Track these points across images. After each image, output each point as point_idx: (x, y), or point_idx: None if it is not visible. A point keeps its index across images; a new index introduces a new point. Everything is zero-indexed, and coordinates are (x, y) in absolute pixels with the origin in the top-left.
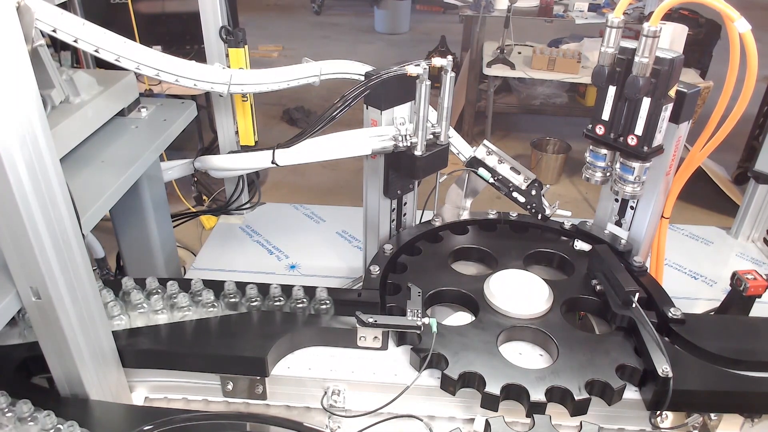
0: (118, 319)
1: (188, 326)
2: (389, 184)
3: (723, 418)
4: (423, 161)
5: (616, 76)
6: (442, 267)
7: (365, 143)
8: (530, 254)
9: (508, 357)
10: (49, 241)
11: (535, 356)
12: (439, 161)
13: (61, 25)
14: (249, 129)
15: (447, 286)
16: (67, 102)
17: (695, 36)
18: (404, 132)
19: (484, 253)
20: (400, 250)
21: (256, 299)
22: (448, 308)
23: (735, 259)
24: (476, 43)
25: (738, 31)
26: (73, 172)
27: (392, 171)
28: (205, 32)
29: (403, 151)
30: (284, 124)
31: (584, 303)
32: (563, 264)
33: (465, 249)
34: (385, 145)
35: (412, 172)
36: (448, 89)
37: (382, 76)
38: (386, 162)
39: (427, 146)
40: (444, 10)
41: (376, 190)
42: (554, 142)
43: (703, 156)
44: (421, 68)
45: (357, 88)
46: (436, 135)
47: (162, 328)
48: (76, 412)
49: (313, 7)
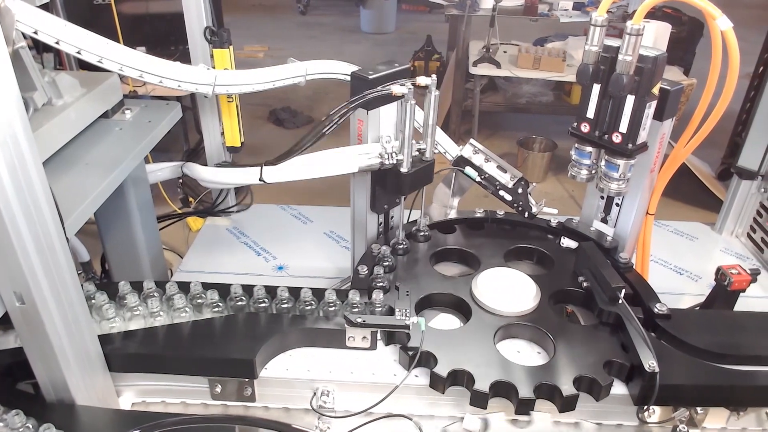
0: (113, 322)
1: (175, 329)
2: (376, 200)
3: (709, 411)
4: (409, 178)
5: (601, 74)
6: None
7: (352, 161)
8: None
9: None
10: (32, 245)
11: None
12: (424, 177)
13: (43, 26)
14: (235, 130)
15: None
16: (49, 104)
17: (678, 34)
18: (390, 150)
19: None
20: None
21: (241, 299)
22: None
23: (719, 254)
24: (462, 42)
25: (719, 28)
26: (56, 176)
27: (379, 187)
28: (189, 33)
29: (389, 168)
30: (271, 125)
31: (571, 295)
32: (544, 259)
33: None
34: (372, 163)
35: (399, 188)
36: (432, 107)
37: (366, 97)
38: (373, 178)
39: (413, 163)
40: (429, 9)
41: (363, 204)
42: (540, 141)
43: (686, 153)
44: (405, 88)
45: (343, 107)
46: (421, 151)
47: (149, 332)
48: (62, 418)
49: (299, 7)
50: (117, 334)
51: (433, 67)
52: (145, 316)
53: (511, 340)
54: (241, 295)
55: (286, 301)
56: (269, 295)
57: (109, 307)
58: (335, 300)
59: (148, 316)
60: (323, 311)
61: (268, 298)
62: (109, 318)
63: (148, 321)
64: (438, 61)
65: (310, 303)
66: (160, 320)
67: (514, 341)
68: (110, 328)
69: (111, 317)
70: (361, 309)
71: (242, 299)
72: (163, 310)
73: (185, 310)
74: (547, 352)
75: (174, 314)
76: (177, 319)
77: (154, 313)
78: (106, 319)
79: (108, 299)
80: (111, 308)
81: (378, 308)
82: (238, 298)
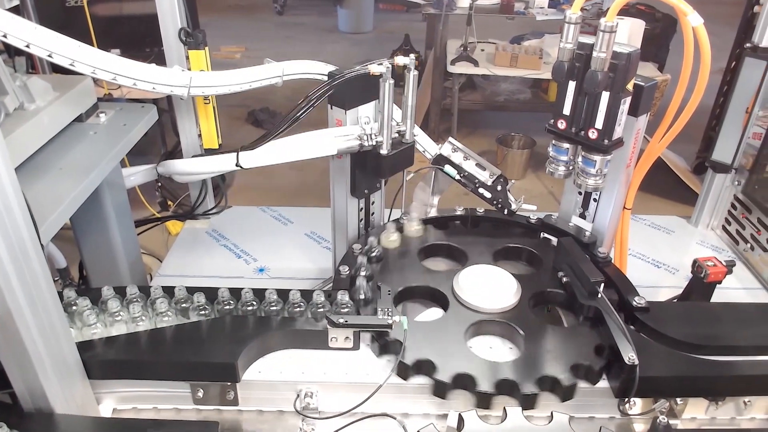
0: (94, 328)
1: (156, 334)
2: (356, 184)
3: (688, 402)
4: (389, 160)
5: (576, 72)
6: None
7: (331, 143)
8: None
9: (477, 351)
10: (5, 252)
11: (504, 349)
12: (405, 159)
13: (12, 29)
14: (212, 132)
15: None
16: (21, 109)
17: (652, 30)
18: (369, 131)
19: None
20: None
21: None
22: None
23: (695, 246)
24: (440, 41)
25: (691, 24)
26: (30, 181)
27: (359, 170)
28: (164, 34)
29: (369, 150)
30: (249, 126)
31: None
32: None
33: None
34: (351, 145)
35: (379, 171)
36: (411, 87)
37: (346, 76)
38: (352, 162)
39: (393, 145)
40: (407, 8)
41: (343, 190)
42: (519, 138)
43: (661, 147)
44: (383, 67)
45: (320, 88)
46: (401, 134)
47: (129, 338)
48: (40, 428)
49: (276, 7)
50: (96, 340)
51: None
52: (127, 322)
53: (486, 336)
54: (229, 299)
55: (274, 304)
56: (257, 298)
57: (90, 313)
58: (323, 301)
59: (131, 321)
60: (311, 313)
61: (256, 301)
62: (90, 324)
63: (131, 326)
64: (416, 60)
65: (299, 305)
66: (143, 325)
67: (488, 337)
68: (92, 334)
69: (92, 323)
70: (350, 309)
71: (230, 303)
72: (145, 314)
73: (167, 314)
74: (519, 349)
75: (157, 319)
76: (160, 324)
77: (136, 318)
78: (87, 326)
79: (90, 304)
80: (92, 314)
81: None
82: (225, 302)
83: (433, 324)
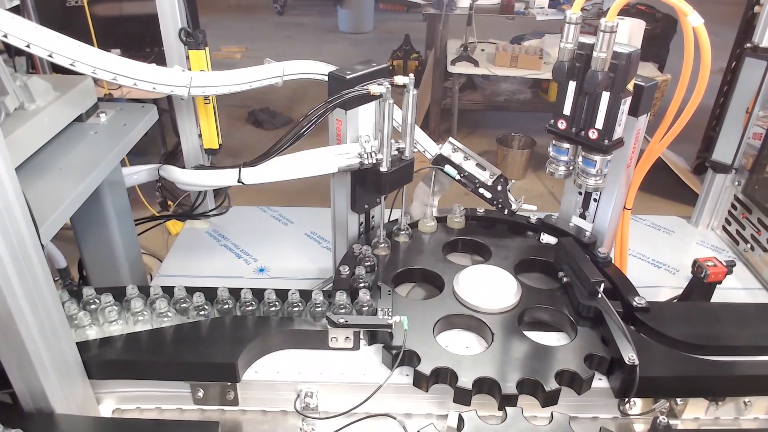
0: (89, 329)
1: (155, 334)
2: (356, 200)
3: (689, 402)
4: (389, 177)
5: (576, 72)
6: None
7: (331, 161)
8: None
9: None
10: (6, 253)
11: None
12: (405, 176)
13: (12, 29)
14: (213, 132)
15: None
16: (21, 109)
17: (652, 30)
18: (369, 149)
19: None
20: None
21: (227, 303)
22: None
23: (696, 247)
24: (440, 41)
25: (691, 24)
26: (30, 181)
27: (359, 187)
28: (164, 34)
29: (369, 167)
30: (250, 126)
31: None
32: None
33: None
34: (351, 163)
35: (379, 188)
36: (411, 106)
37: (344, 97)
38: (353, 178)
39: (392, 162)
40: (407, 8)
41: (343, 204)
42: (519, 138)
43: (662, 147)
44: (383, 87)
45: (321, 106)
46: (400, 150)
47: (129, 338)
48: (41, 428)
49: (276, 7)
50: (97, 340)
51: (411, 67)
52: (127, 322)
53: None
54: (228, 298)
55: (273, 304)
56: (256, 298)
57: (87, 313)
58: (322, 301)
59: (131, 321)
60: (310, 312)
61: (255, 301)
62: (84, 325)
63: (130, 326)
64: (416, 60)
65: (297, 304)
66: (142, 325)
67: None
68: (88, 335)
69: (86, 324)
70: (348, 310)
71: (228, 303)
72: (144, 314)
73: (167, 315)
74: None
75: (157, 319)
76: (160, 324)
77: (136, 313)
78: (84, 326)
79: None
80: (89, 315)
81: (365, 308)
82: (224, 302)
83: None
